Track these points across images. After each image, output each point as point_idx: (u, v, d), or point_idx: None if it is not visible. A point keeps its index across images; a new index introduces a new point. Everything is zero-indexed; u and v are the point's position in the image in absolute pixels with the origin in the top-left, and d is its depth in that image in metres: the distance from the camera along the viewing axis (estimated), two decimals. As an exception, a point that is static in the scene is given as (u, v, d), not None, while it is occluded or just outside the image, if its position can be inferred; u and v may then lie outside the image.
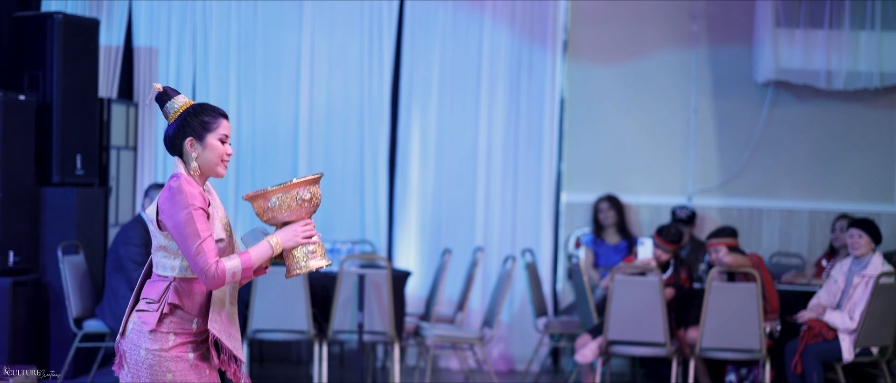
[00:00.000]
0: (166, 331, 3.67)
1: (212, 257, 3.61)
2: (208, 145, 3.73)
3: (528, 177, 9.19)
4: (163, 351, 3.66)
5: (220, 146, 3.74)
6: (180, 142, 3.73)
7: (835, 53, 8.85)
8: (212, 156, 3.73)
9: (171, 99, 3.77)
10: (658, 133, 9.25)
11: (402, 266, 9.07)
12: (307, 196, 3.71)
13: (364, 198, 9.24)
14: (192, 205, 3.62)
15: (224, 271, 3.62)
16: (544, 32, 9.16)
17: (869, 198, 9.08)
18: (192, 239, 3.60)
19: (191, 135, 3.72)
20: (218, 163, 3.74)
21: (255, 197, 3.70)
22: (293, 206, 3.70)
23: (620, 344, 7.40)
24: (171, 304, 3.68)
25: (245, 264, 3.65)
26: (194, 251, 3.60)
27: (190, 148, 3.73)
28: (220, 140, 3.74)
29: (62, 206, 7.89)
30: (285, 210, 3.70)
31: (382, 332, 7.48)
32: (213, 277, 3.61)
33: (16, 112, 7.54)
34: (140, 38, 9.17)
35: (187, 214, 3.62)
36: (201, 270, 3.60)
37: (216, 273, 3.61)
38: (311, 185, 3.71)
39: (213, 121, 3.74)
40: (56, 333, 7.85)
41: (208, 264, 3.60)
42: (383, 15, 9.20)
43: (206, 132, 3.72)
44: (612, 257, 8.80)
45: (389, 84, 9.23)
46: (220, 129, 3.74)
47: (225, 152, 3.75)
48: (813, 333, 7.13)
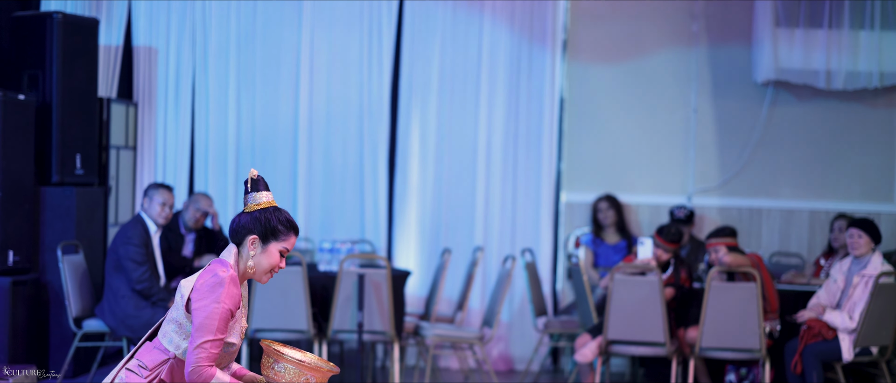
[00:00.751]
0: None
1: (209, 360, 3.59)
2: (268, 251, 3.72)
3: (527, 176, 9.19)
4: None
5: (277, 257, 3.72)
6: (245, 234, 3.71)
7: (834, 53, 8.85)
8: (266, 264, 3.72)
9: (258, 191, 3.76)
10: (658, 133, 9.25)
11: (401, 265, 9.07)
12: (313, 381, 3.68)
13: (364, 197, 9.24)
14: (225, 306, 3.61)
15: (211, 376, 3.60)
16: (544, 32, 9.16)
17: (869, 198, 9.08)
18: (206, 332, 3.59)
19: (257, 234, 3.71)
20: (267, 272, 3.74)
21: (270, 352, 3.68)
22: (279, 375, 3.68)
23: (620, 343, 7.40)
24: (162, 381, 3.67)
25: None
26: (199, 343, 3.58)
27: (251, 245, 3.71)
28: (281, 252, 3.73)
29: (62, 206, 7.88)
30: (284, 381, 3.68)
31: (382, 332, 7.48)
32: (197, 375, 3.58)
33: (15, 112, 7.54)
34: (139, 38, 9.17)
35: (217, 309, 3.60)
36: (193, 362, 3.58)
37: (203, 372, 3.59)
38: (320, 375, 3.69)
39: (284, 232, 3.72)
40: (56, 333, 7.85)
41: (202, 362, 3.58)
42: (383, 14, 9.20)
43: (272, 238, 3.71)
44: (611, 257, 8.80)
45: (389, 83, 9.23)
46: (286, 243, 3.73)
47: (279, 265, 3.74)
48: (812, 333, 7.13)
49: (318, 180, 9.27)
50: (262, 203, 3.75)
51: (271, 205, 3.75)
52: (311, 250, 8.82)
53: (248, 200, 3.77)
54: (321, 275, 7.78)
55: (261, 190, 3.76)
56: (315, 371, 3.67)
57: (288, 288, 7.36)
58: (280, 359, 3.67)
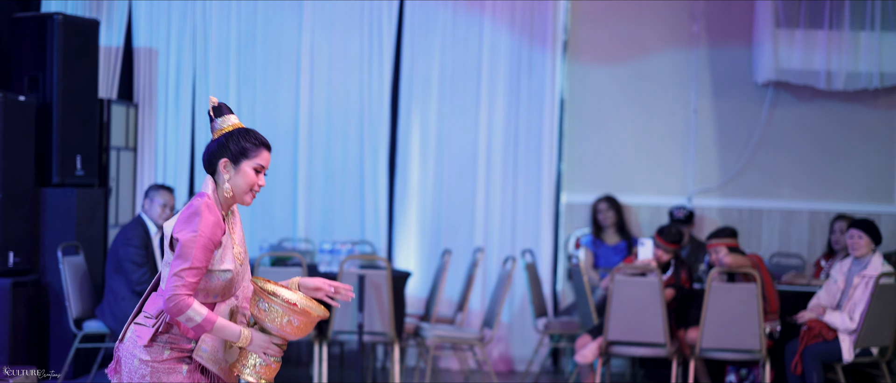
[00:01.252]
0: (162, 345, 3.65)
1: (185, 288, 3.55)
2: (241, 171, 3.69)
3: (528, 177, 9.19)
4: (156, 362, 3.64)
5: (252, 175, 3.69)
6: (216, 161, 3.69)
7: (835, 54, 8.85)
8: (242, 184, 3.69)
9: (222, 115, 3.75)
10: (658, 133, 9.25)
11: (402, 266, 9.07)
12: (296, 324, 3.62)
13: (364, 198, 9.24)
14: (202, 234, 3.57)
15: (187, 306, 3.54)
16: (544, 32, 9.16)
17: (869, 199, 9.08)
18: (182, 261, 3.55)
19: (227, 157, 3.68)
20: (246, 192, 3.70)
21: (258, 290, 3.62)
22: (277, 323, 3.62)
23: (620, 344, 7.40)
24: (167, 323, 3.65)
25: (206, 321, 3.57)
26: (176, 271, 3.54)
27: (223, 169, 3.69)
28: (255, 169, 3.70)
29: (62, 207, 7.88)
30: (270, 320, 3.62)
31: (382, 333, 7.48)
32: (173, 302, 3.54)
33: (16, 113, 7.54)
34: (140, 39, 9.17)
35: (193, 239, 3.56)
36: (170, 290, 3.54)
37: (179, 301, 3.54)
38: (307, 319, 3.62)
39: (254, 148, 3.70)
40: (56, 334, 7.85)
41: (178, 290, 3.54)
42: (383, 15, 9.20)
43: (243, 157, 3.69)
44: (611, 257, 8.79)
45: (389, 84, 9.23)
46: (258, 159, 3.70)
47: (257, 183, 3.70)
48: (813, 334, 7.13)
49: (319, 181, 9.27)
50: (227, 126, 3.73)
51: (238, 126, 3.74)
52: (311, 251, 8.82)
53: (214, 127, 3.74)
54: (321, 276, 7.77)
55: (225, 114, 3.74)
56: (302, 314, 3.61)
57: (288, 290, 7.35)
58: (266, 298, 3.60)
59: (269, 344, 3.64)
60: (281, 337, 3.65)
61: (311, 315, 3.63)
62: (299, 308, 3.61)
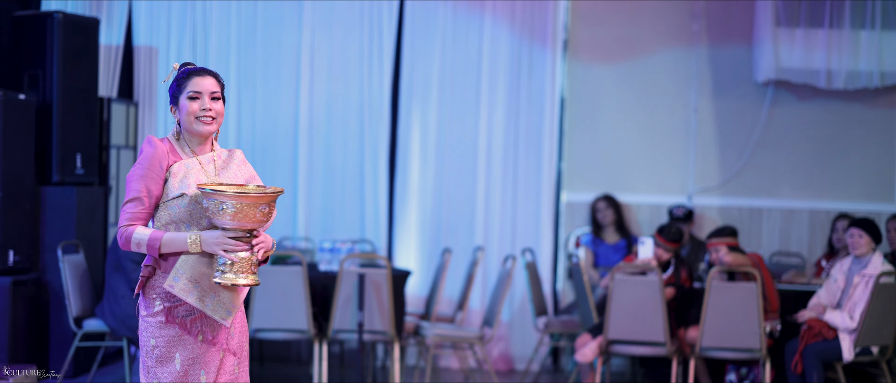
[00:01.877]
0: (154, 297, 3.69)
1: (127, 219, 3.66)
2: (181, 107, 3.75)
3: (528, 176, 9.19)
4: (150, 316, 3.69)
5: (189, 103, 3.73)
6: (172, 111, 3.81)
7: (835, 53, 8.84)
8: (185, 117, 3.74)
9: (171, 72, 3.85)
10: (658, 132, 9.25)
11: (402, 265, 9.07)
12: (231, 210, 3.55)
13: (364, 197, 9.24)
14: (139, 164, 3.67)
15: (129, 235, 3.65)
16: (544, 32, 9.16)
17: (869, 198, 9.08)
18: (125, 196, 3.69)
19: (171, 103, 3.79)
20: (193, 122, 3.73)
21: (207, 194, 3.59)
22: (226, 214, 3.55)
23: (620, 343, 7.39)
24: (148, 266, 3.70)
25: (151, 240, 3.63)
26: (122, 206, 3.72)
27: (173, 114, 3.78)
28: (190, 96, 3.73)
29: (62, 206, 7.88)
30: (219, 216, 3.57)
31: (382, 332, 7.48)
32: (120, 235, 3.68)
33: (16, 111, 7.54)
34: (140, 38, 9.17)
35: (133, 173, 3.68)
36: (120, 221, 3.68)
37: (123, 232, 3.67)
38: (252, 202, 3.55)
39: (186, 80, 3.75)
40: (56, 332, 7.85)
41: (121, 223, 3.67)
42: (383, 14, 9.20)
43: (179, 94, 3.75)
44: (611, 256, 8.79)
45: (389, 83, 9.23)
46: (189, 87, 3.73)
47: (199, 108, 3.72)
48: (813, 333, 7.13)
49: (319, 180, 9.27)
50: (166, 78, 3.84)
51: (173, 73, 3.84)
52: (311, 250, 8.82)
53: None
54: (321, 275, 7.77)
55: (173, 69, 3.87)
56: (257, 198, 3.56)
57: (288, 288, 7.36)
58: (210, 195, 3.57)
59: (222, 238, 3.60)
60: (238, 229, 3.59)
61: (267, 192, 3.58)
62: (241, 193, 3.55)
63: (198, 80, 3.73)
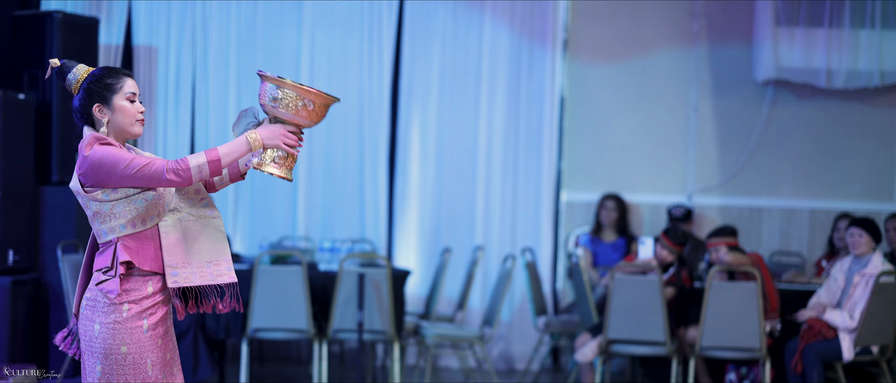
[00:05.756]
0: (122, 302, 3.59)
1: (160, 161, 3.54)
2: (117, 107, 3.66)
3: (528, 175, 9.19)
4: (117, 323, 3.59)
5: (128, 105, 3.66)
6: (88, 110, 3.67)
7: (835, 52, 8.84)
8: (122, 118, 3.66)
9: (71, 70, 3.71)
10: (658, 132, 9.25)
11: (401, 265, 9.07)
12: (311, 107, 3.61)
13: (364, 197, 9.24)
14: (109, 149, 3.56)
15: (188, 165, 3.53)
16: (544, 31, 9.16)
17: (869, 197, 9.08)
18: (130, 165, 3.54)
19: (97, 102, 3.66)
20: (133, 124, 3.67)
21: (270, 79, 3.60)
22: (292, 108, 3.60)
23: (620, 343, 7.39)
24: (124, 263, 3.60)
25: (211, 157, 3.55)
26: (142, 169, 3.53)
27: (98, 114, 3.66)
28: (129, 99, 3.67)
29: (62, 205, 7.88)
30: (284, 108, 3.61)
31: (382, 331, 7.48)
32: (177, 170, 3.53)
33: (15, 111, 7.54)
34: (140, 37, 9.17)
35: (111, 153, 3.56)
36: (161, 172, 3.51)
37: (178, 166, 3.53)
38: (321, 101, 3.62)
39: (117, 81, 3.67)
40: (56, 332, 7.85)
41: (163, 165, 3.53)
42: (383, 14, 9.20)
43: (111, 94, 3.65)
44: (610, 255, 8.79)
45: (389, 83, 9.23)
46: (126, 88, 3.67)
47: (137, 110, 3.67)
48: (813, 332, 7.13)
49: (319, 180, 9.27)
50: (81, 76, 3.70)
51: (89, 70, 3.70)
52: (311, 249, 8.81)
53: (69, 84, 3.70)
54: (321, 275, 7.77)
55: (72, 67, 3.71)
56: (315, 96, 3.60)
57: (288, 288, 7.36)
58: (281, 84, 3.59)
59: (284, 131, 3.63)
60: (295, 124, 3.64)
61: (323, 96, 3.62)
62: (312, 89, 3.61)
63: (131, 82, 3.68)
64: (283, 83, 3.59)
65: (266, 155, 3.65)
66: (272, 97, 3.60)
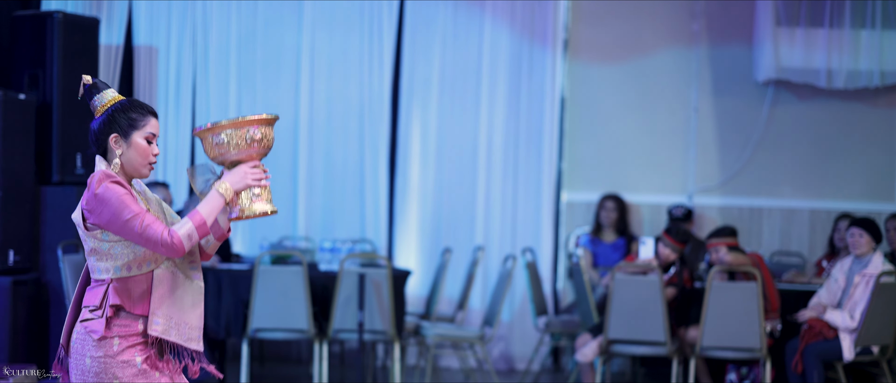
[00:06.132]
0: (112, 336, 3.52)
1: (159, 226, 3.45)
2: (134, 143, 3.56)
3: (528, 176, 9.19)
4: (108, 357, 3.51)
5: (145, 145, 3.57)
6: (105, 138, 3.58)
7: (835, 52, 8.84)
8: (136, 156, 3.56)
9: (100, 92, 3.62)
10: (658, 132, 9.25)
11: (402, 265, 9.07)
12: (259, 136, 3.53)
13: (364, 197, 9.24)
14: (118, 192, 3.47)
15: (180, 237, 3.45)
16: (545, 32, 9.16)
17: (869, 197, 9.08)
18: (131, 220, 3.44)
19: (116, 132, 3.56)
20: (144, 165, 3.58)
21: (204, 132, 3.52)
22: (242, 146, 3.53)
23: (621, 343, 7.39)
24: (113, 306, 3.52)
25: (197, 223, 3.48)
26: (139, 229, 3.44)
27: (114, 145, 3.57)
28: (147, 139, 3.57)
29: (62, 205, 7.87)
30: (234, 148, 3.53)
31: (383, 331, 7.47)
32: (171, 245, 3.45)
33: (16, 111, 7.54)
34: (140, 37, 9.16)
35: (117, 199, 3.46)
36: (156, 242, 3.43)
37: (172, 240, 3.45)
38: (263, 125, 3.54)
39: (141, 118, 3.57)
40: (56, 332, 7.84)
41: (160, 233, 3.44)
42: (383, 14, 9.20)
43: (132, 129, 3.56)
44: (610, 255, 8.79)
45: (389, 83, 9.23)
46: (148, 128, 3.58)
47: (151, 152, 3.58)
48: (813, 332, 7.13)
49: (319, 180, 9.26)
50: (108, 101, 3.61)
51: (118, 99, 3.61)
52: (311, 250, 8.81)
53: (94, 105, 3.61)
54: (322, 275, 7.77)
55: (102, 89, 3.62)
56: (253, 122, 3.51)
57: (288, 288, 7.35)
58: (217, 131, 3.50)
59: (247, 169, 3.56)
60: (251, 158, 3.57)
61: (263, 118, 3.54)
62: (250, 118, 3.52)
63: (155, 122, 3.60)
64: (219, 127, 3.51)
65: (242, 200, 3.58)
66: (217, 144, 3.53)
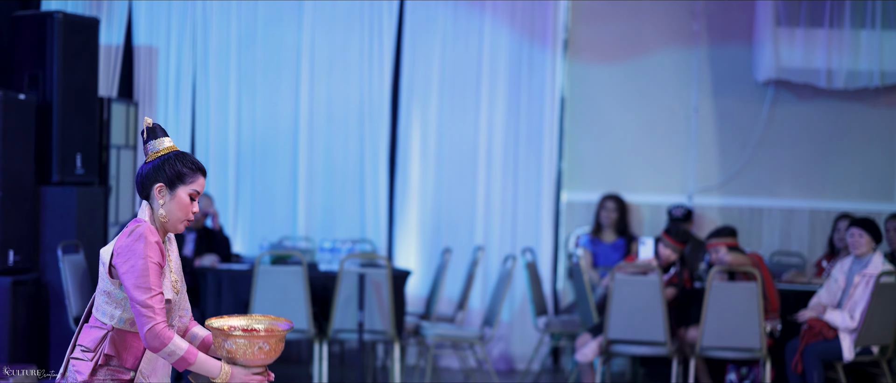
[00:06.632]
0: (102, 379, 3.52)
1: (161, 316, 3.44)
2: (177, 197, 3.55)
3: (528, 176, 9.19)
4: None
5: (188, 201, 3.56)
6: (151, 184, 3.56)
7: (835, 52, 8.84)
8: (176, 210, 3.55)
9: (157, 138, 3.61)
10: (658, 132, 9.25)
11: (402, 265, 9.07)
12: (267, 348, 3.55)
13: (364, 197, 9.24)
14: (151, 258, 3.45)
15: (169, 339, 3.44)
16: (544, 31, 9.16)
17: (869, 198, 9.08)
18: (144, 291, 3.43)
19: (162, 181, 3.55)
20: (182, 220, 3.57)
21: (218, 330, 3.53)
22: (248, 355, 3.53)
23: (621, 343, 7.39)
24: (106, 355, 3.52)
25: (187, 356, 3.46)
26: (142, 301, 3.43)
27: (158, 194, 3.55)
28: (191, 195, 3.57)
29: (62, 205, 7.88)
30: (241, 356, 3.53)
31: (383, 331, 7.48)
32: (155, 338, 3.43)
33: (15, 111, 7.54)
34: (140, 37, 9.17)
35: (144, 265, 3.44)
36: (146, 326, 3.42)
37: (161, 335, 3.43)
38: (275, 338, 3.55)
39: (191, 174, 3.57)
40: (56, 332, 7.85)
41: (156, 322, 3.43)
42: (383, 14, 9.20)
43: (179, 183, 3.55)
44: (610, 255, 8.79)
45: (389, 83, 9.23)
46: (194, 185, 3.57)
47: (192, 210, 3.57)
48: (813, 332, 7.13)
49: (319, 180, 9.26)
50: (162, 149, 3.60)
51: (173, 149, 3.60)
52: (311, 250, 8.82)
53: (148, 149, 3.61)
54: (322, 275, 7.77)
55: (160, 136, 3.61)
56: (268, 336, 3.54)
57: (288, 288, 7.36)
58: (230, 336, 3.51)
59: (248, 375, 3.56)
60: (259, 366, 3.59)
61: (277, 331, 3.56)
62: (262, 331, 3.55)
63: (202, 180, 3.59)
64: (231, 336, 3.51)
65: None
66: (227, 349, 3.54)
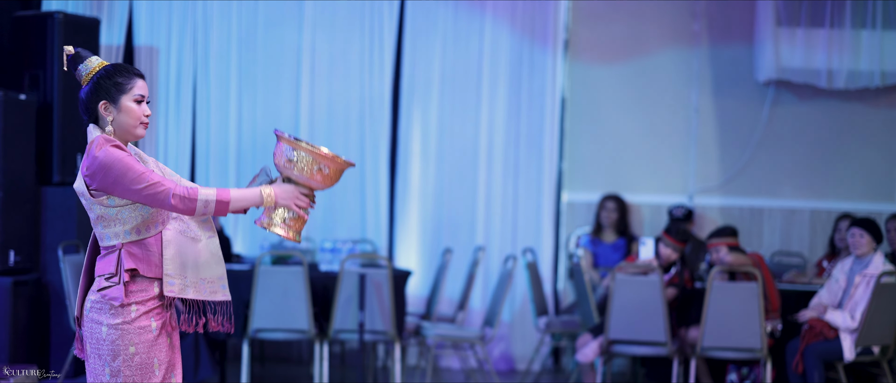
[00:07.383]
0: (130, 303, 3.55)
1: (169, 183, 3.49)
2: (123, 107, 3.60)
3: (528, 176, 9.19)
4: (126, 324, 3.55)
5: (136, 107, 3.61)
6: (94, 105, 3.62)
7: (836, 52, 8.84)
8: (128, 119, 3.60)
9: (84, 60, 3.66)
10: (659, 132, 9.25)
11: (402, 265, 9.07)
12: (326, 172, 3.60)
13: (365, 197, 9.24)
14: (121, 157, 3.50)
15: (195, 190, 3.49)
16: (545, 32, 9.16)
17: (870, 198, 9.08)
18: (138, 181, 3.49)
19: (104, 98, 3.60)
20: (136, 125, 3.62)
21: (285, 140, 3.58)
22: (306, 172, 3.59)
23: (621, 343, 7.39)
24: (129, 271, 3.56)
25: (220, 197, 3.52)
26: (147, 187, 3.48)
27: (104, 111, 3.61)
28: (136, 101, 3.62)
29: (63, 206, 7.88)
30: (298, 170, 3.59)
31: (383, 332, 7.48)
32: (181, 200, 3.48)
33: (16, 111, 7.54)
34: (141, 38, 9.17)
35: (119, 162, 3.50)
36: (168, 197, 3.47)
37: (184, 193, 3.49)
38: (336, 166, 3.61)
39: (128, 81, 3.61)
40: (56, 333, 7.85)
41: (170, 188, 3.48)
42: (384, 14, 9.20)
43: (120, 94, 3.60)
44: (610, 255, 8.79)
45: (390, 83, 9.23)
46: (136, 90, 3.62)
47: (142, 113, 3.62)
48: (814, 332, 7.13)
49: (319, 180, 9.25)
50: (93, 69, 3.65)
51: (102, 65, 3.66)
52: (312, 250, 8.82)
53: (80, 74, 3.65)
54: (322, 275, 7.77)
55: (86, 57, 3.66)
56: (330, 161, 3.59)
57: (289, 288, 7.36)
58: (296, 147, 3.57)
59: (297, 193, 3.62)
60: (308, 187, 3.63)
61: (339, 161, 3.61)
62: (327, 153, 3.59)
63: (141, 83, 3.63)
64: (298, 146, 3.57)
65: (276, 215, 3.63)
66: (287, 158, 3.58)
